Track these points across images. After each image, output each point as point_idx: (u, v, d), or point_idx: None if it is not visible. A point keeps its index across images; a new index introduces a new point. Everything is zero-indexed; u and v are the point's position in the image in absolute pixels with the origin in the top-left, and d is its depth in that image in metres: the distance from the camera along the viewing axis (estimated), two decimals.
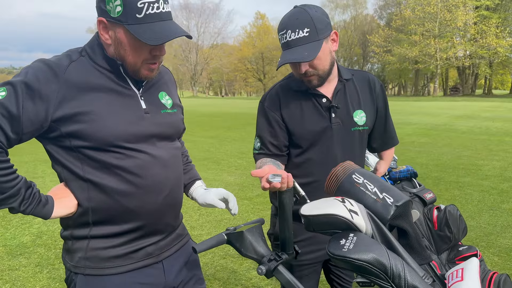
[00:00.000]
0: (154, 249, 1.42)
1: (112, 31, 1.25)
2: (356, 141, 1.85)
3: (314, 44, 1.64)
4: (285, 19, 1.69)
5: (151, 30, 1.20)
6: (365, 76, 1.94)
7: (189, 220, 4.82)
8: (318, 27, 1.65)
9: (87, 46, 1.32)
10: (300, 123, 1.81)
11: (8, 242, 4.15)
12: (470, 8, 48.25)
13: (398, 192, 1.16)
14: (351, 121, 1.83)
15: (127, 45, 1.24)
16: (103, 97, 1.26)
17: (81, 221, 1.33)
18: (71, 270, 1.37)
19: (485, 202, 5.38)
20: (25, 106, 1.16)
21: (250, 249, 1.42)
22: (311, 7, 1.69)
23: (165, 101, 1.43)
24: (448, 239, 1.95)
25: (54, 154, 1.30)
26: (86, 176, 1.28)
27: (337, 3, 69.72)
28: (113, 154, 1.27)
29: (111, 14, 1.21)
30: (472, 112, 21.17)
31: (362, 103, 1.87)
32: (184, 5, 67.57)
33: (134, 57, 1.26)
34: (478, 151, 9.33)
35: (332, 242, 1.06)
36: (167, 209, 1.42)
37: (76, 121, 1.22)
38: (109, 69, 1.30)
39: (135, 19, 1.19)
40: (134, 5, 1.18)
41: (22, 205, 1.20)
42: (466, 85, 53.46)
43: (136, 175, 1.31)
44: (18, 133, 1.18)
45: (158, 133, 1.37)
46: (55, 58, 1.27)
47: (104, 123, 1.24)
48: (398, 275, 0.99)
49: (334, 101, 1.81)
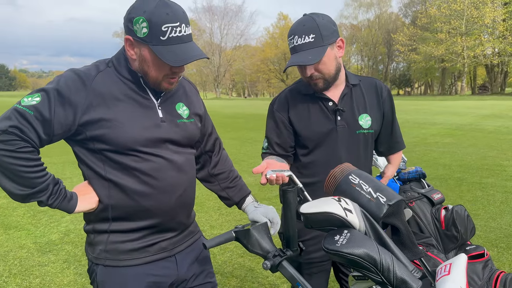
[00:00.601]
0: (168, 244, 1.54)
1: (137, 48, 1.37)
2: (361, 144, 1.92)
3: (319, 49, 1.75)
4: (293, 25, 1.82)
5: (173, 52, 1.31)
6: (372, 82, 2.01)
7: (209, 219, 4.95)
8: (324, 33, 1.75)
9: (114, 58, 1.45)
10: (307, 125, 1.90)
11: (38, 239, 4.37)
12: (499, 4, 46.87)
13: (391, 192, 1.23)
14: (356, 124, 1.90)
15: (150, 62, 1.36)
16: (124, 105, 1.39)
17: (101, 216, 1.45)
18: (92, 261, 1.50)
19: (508, 203, 5.29)
20: (56, 111, 1.30)
21: (256, 245, 1.52)
22: (319, 15, 1.80)
23: (182, 112, 1.55)
24: (455, 239, 1.99)
25: (79, 155, 1.44)
26: (107, 176, 1.41)
27: (360, 2, 69.02)
28: (132, 157, 1.40)
29: (137, 34, 1.33)
30: (500, 111, 20.60)
31: (368, 107, 1.94)
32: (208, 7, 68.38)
33: (156, 73, 1.38)
34: (504, 151, 9.13)
35: (327, 237, 1.14)
36: (180, 209, 1.54)
37: (100, 126, 1.35)
38: (132, 80, 1.43)
39: (159, 41, 1.31)
40: (159, 28, 1.30)
41: (50, 199, 1.34)
42: (495, 84, 51.94)
43: (151, 177, 1.43)
44: (49, 135, 1.31)
45: (173, 140, 1.49)
46: (85, 68, 1.41)
47: (124, 129, 1.37)
48: (388, 268, 1.07)
49: (340, 104, 1.89)
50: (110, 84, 1.39)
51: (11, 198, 1.33)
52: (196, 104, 1.63)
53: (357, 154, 1.92)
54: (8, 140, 1.23)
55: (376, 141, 2.04)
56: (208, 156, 1.75)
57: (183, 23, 1.33)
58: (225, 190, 1.77)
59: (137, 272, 1.48)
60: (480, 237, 4.13)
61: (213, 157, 1.76)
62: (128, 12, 1.35)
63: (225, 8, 68.43)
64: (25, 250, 4.09)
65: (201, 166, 1.76)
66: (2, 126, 1.24)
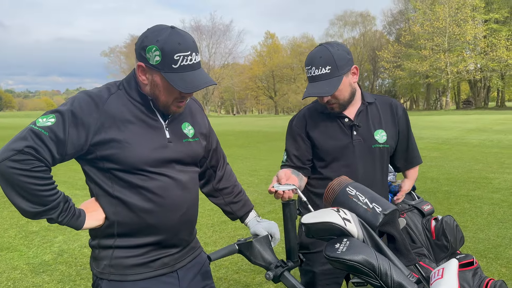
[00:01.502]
0: (170, 260, 1.59)
1: (149, 74, 1.45)
2: (377, 158, 2.04)
3: (335, 79, 1.87)
4: (311, 55, 1.93)
5: (183, 80, 1.40)
6: (387, 100, 2.15)
7: (203, 236, 4.98)
8: (339, 64, 1.87)
9: (124, 81, 1.53)
10: (324, 138, 2.03)
11: (31, 260, 4.34)
12: (479, 22, 48.35)
13: (386, 202, 1.32)
14: (372, 139, 2.02)
15: (161, 87, 1.45)
16: (134, 127, 1.46)
17: (107, 232, 1.51)
18: (97, 276, 1.55)
19: (495, 215, 5.42)
20: (70, 132, 1.36)
21: (258, 257, 1.59)
22: (333, 45, 1.92)
23: (187, 131, 1.62)
24: (445, 248, 2.08)
25: (89, 173, 1.50)
26: (115, 194, 1.47)
27: (345, 21, 70.40)
28: (139, 176, 1.47)
29: (150, 61, 1.41)
30: (484, 125, 21.07)
31: (383, 123, 2.07)
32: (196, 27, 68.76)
33: (166, 97, 1.47)
34: (489, 164, 9.35)
35: (328, 246, 1.22)
36: (183, 226, 1.60)
37: (110, 146, 1.42)
38: (141, 103, 1.50)
39: (171, 69, 1.40)
40: (171, 57, 1.38)
41: (60, 217, 1.39)
42: (478, 98, 53.10)
43: (157, 195, 1.49)
44: (62, 155, 1.38)
45: (179, 159, 1.56)
46: (97, 90, 1.48)
47: (134, 150, 1.44)
48: (385, 273, 1.15)
49: (356, 120, 2.02)
50: (121, 106, 1.46)
51: (22, 215, 1.38)
52: (200, 123, 1.70)
53: (373, 168, 2.04)
54: (24, 160, 1.29)
55: (392, 157, 2.17)
56: (213, 171, 1.82)
57: (193, 52, 1.41)
58: (229, 205, 1.84)
59: (139, 286, 1.52)
60: (469, 248, 4.23)
61: (217, 172, 1.83)
62: (141, 40, 1.43)
63: (213, 27, 69.11)
64: (18, 271, 4.06)
65: (206, 181, 1.83)
66: (18, 146, 1.30)
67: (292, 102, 71.80)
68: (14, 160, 1.28)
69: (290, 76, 70.83)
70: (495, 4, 48.07)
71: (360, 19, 69.82)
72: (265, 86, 74.42)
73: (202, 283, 1.72)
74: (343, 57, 1.89)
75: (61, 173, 8.97)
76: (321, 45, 1.93)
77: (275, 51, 73.40)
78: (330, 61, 1.85)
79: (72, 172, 8.84)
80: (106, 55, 75.55)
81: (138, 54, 1.44)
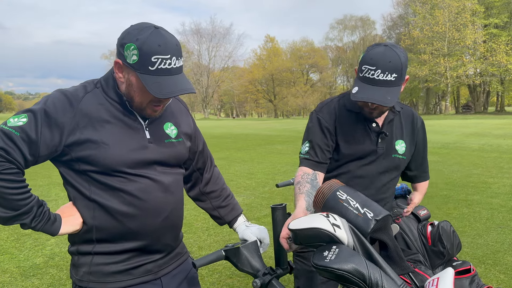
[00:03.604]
0: (153, 266, 1.52)
1: (125, 73, 1.38)
2: (394, 167, 2.00)
3: (397, 89, 1.73)
4: (377, 55, 1.71)
5: (159, 84, 1.31)
6: (410, 111, 2.10)
7: (197, 240, 4.90)
8: (403, 73, 1.74)
9: (102, 79, 1.46)
10: (350, 141, 1.94)
11: (21, 263, 4.27)
12: (479, 26, 48.43)
13: (378, 207, 1.25)
14: (393, 148, 1.98)
15: (136, 88, 1.37)
16: (111, 127, 1.39)
17: (86, 237, 1.44)
18: (76, 283, 1.47)
19: (494, 220, 5.36)
20: (43, 132, 1.29)
21: (246, 263, 1.52)
22: (401, 50, 1.75)
23: (170, 131, 1.54)
24: (441, 254, 2.01)
25: (65, 175, 1.43)
26: (92, 197, 1.40)
27: (345, 25, 70.59)
28: (117, 178, 1.39)
29: (127, 59, 1.34)
30: (484, 129, 21.02)
31: (404, 134, 2.02)
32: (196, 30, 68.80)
33: (141, 99, 1.39)
34: (488, 169, 9.28)
35: (316, 253, 1.15)
36: (166, 231, 1.52)
37: (86, 147, 1.35)
38: (119, 102, 1.43)
39: (147, 70, 1.32)
40: (148, 58, 1.30)
41: (33, 222, 1.32)
42: (478, 103, 53.10)
43: (137, 198, 1.42)
44: (35, 156, 1.30)
45: (160, 160, 1.48)
46: (73, 89, 1.41)
47: (110, 151, 1.36)
48: (376, 283, 1.08)
49: (385, 128, 1.95)
50: (98, 105, 1.39)
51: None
52: (185, 123, 1.63)
53: (389, 176, 2.00)
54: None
55: (407, 167, 2.13)
56: (199, 173, 1.74)
57: (174, 56, 1.33)
58: (217, 209, 1.77)
59: None
60: (467, 254, 4.16)
61: (204, 175, 1.75)
62: (121, 37, 1.36)
63: (213, 31, 69.12)
64: (7, 275, 3.98)
65: (193, 184, 1.76)
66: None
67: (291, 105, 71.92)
68: None
69: (289, 79, 70.89)
70: (494, 9, 48.17)
71: (360, 23, 70.04)
72: (265, 89, 74.46)
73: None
74: (406, 65, 1.75)
75: (56, 174, 8.89)
76: (387, 46, 1.74)
77: (275, 54, 73.49)
78: (398, 68, 1.69)
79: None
80: (106, 58, 75.50)
81: (117, 50, 1.38)
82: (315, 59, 69.10)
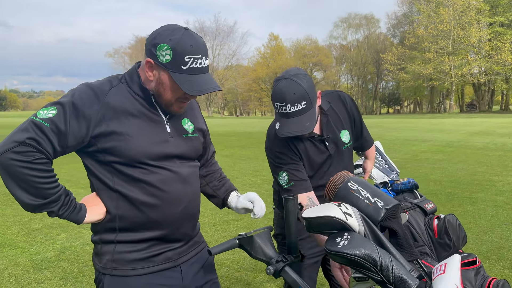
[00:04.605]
0: (173, 254, 1.59)
1: (156, 71, 1.44)
2: (347, 157, 2.15)
3: (311, 112, 1.85)
4: (281, 91, 1.83)
5: (190, 82, 1.41)
6: (336, 96, 2.16)
7: (205, 235, 4.97)
8: (311, 96, 1.85)
9: (126, 75, 1.53)
10: (307, 160, 2.05)
11: (33, 257, 4.35)
12: (484, 25, 48.20)
13: (387, 197, 1.31)
14: (341, 141, 2.10)
15: (167, 86, 1.45)
16: (135, 120, 1.46)
17: (108, 226, 1.51)
18: (100, 271, 1.54)
19: (498, 217, 5.39)
20: (71, 123, 1.36)
21: (259, 251, 1.58)
22: (301, 77, 1.85)
23: (187, 127, 1.63)
24: (447, 247, 2.06)
25: (90, 166, 1.49)
26: (115, 187, 1.47)
27: (349, 23, 70.37)
28: (139, 169, 1.46)
29: (159, 59, 1.40)
30: (488, 128, 20.98)
31: (343, 123, 2.12)
32: (200, 28, 68.82)
33: (170, 96, 1.47)
34: (493, 167, 9.29)
35: (329, 240, 1.22)
36: (185, 220, 1.60)
37: (111, 139, 1.42)
38: (143, 97, 1.50)
39: (180, 70, 1.40)
40: (181, 58, 1.38)
41: (60, 210, 1.39)
42: (482, 102, 52.89)
43: (158, 189, 1.49)
44: (63, 147, 1.37)
45: (179, 154, 1.56)
46: (98, 83, 1.48)
47: (134, 143, 1.44)
48: (387, 268, 1.14)
49: (324, 133, 2.05)
50: (123, 99, 1.46)
51: (23, 208, 1.38)
52: (199, 120, 1.71)
53: (344, 166, 2.13)
54: (25, 152, 1.29)
55: None
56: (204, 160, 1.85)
57: (204, 56, 1.42)
58: (213, 188, 1.84)
59: (142, 281, 1.52)
60: (472, 250, 4.21)
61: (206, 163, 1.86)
62: (153, 37, 1.42)
63: (217, 29, 69.18)
64: (20, 268, 4.07)
65: None
66: (20, 137, 1.29)
67: None
68: (15, 152, 1.28)
69: None
70: (500, 7, 47.88)
71: (364, 22, 69.80)
72: (269, 88, 74.32)
73: (205, 278, 1.71)
74: (311, 87, 1.86)
75: (64, 171, 9.00)
76: (287, 79, 1.85)
77: (278, 53, 73.39)
78: (304, 96, 1.81)
79: (75, 171, 8.87)
80: (111, 56, 75.82)
81: (148, 50, 1.44)
82: (319, 58, 69.02)
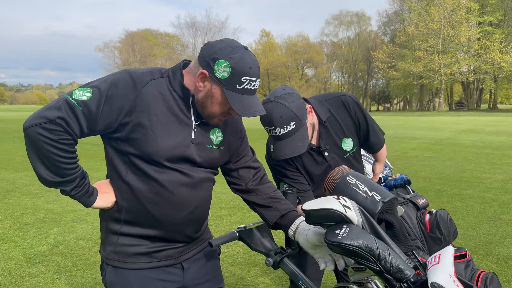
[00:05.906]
0: (174, 252, 1.60)
1: (208, 83, 1.43)
2: (353, 163, 2.12)
3: (302, 130, 1.87)
4: (269, 115, 1.83)
5: (242, 102, 1.41)
6: (338, 101, 2.12)
7: None
8: (300, 115, 1.85)
9: (170, 71, 1.51)
10: (306, 173, 2.07)
11: (26, 251, 4.35)
12: (473, 24, 48.75)
13: (385, 191, 1.37)
14: (342, 150, 2.08)
15: (217, 100, 1.44)
16: (164, 118, 1.45)
17: (115, 216, 1.53)
18: (103, 260, 1.58)
19: (486, 213, 5.52)
20: (104, 109, 1.36)
21: (258, 243, 1.62)
22: (286, 98, 1.85)
23: (215, 137, 1.59)
24: (439, 240, 2.13)
25: (109, 153, 1.50)
26: (127, 179, 1.48)
27: (341, 20, 70.65)
28: (154, 167, 1.46)
29: (215, 73, 1.40)
30: (476, 126, 21.29)
31: (345, 130, 2.09)
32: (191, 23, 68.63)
33: (216, 110, 1.46)
34: (480, 165, 9.47)
35: (329, 231, 1.26)
36: (189, 224, 1.59)
37: (135, 130, 1.41)
38: (180, 96, 1.48)
39: (234, 88, 1.40)
40: (239, 78, 1.39)
41: (73, 191, 1.41)
42: (471, 100, 53.57)
43: (165, 189, 1.49)
44: (91, 130, 1.38)
45: (195, 161, 1.54)
46: (140, 72, 1.46)
47: (155, 141, 1.43)
48: (384, 258, 1.19)
49: (321, 144, 2.04)
50: (158, 94, 1.44)
51: (39, 181, 1.40)
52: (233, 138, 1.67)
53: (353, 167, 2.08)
54: (53, 130, 1.30)
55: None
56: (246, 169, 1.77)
57: (258, 79, 1.44)
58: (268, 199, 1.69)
59: (142, 275, 1.54)
60: (460, 245, 4.27)
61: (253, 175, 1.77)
62: (213, 51, 1.40)
63: (208, 24, 69.03)
64: (14, 262, 4.06)
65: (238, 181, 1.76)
66: (51, 115, 1.30)
67: None
68: (44, 128, 1.29)
69: (284, 74, 70.85)
70: (489, 7, 48.50)
71: (355, 19, 70.12)
72: (260, 84, 74.18)
73: (208, 275, 1.71)
74: (299, 106, 1.85)
75: None
76: (272, 101, 1.85)
77: (270, 49, 73.39)
78: (292, 117, 1.81)
79: None
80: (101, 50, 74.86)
81: (204, 62, 1.42)
82: (310, 54, 69.23)
